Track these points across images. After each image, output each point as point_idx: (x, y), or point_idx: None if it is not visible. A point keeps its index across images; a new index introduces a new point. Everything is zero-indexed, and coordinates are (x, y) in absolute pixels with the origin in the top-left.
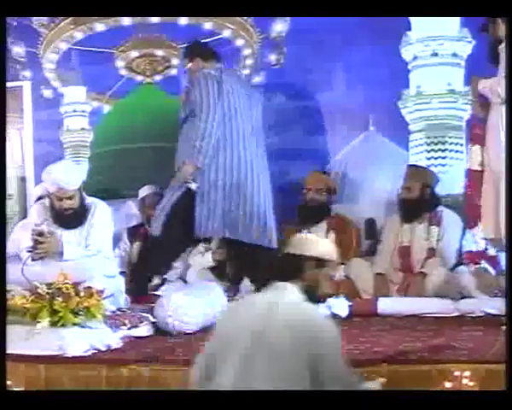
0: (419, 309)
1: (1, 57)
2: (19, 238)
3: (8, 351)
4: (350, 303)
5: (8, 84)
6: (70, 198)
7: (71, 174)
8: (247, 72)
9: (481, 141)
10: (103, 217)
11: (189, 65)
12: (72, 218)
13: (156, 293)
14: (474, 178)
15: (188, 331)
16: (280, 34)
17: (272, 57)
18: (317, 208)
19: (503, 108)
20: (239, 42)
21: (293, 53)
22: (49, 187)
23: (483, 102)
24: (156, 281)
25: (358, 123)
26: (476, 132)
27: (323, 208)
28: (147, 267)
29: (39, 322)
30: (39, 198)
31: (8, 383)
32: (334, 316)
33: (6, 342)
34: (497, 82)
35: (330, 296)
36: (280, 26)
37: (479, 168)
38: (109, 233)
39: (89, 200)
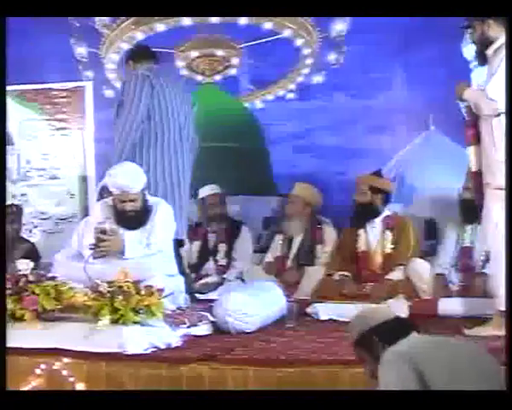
0: (480, 310)
1: (1, 57)
2: (81, 236)
3: (71, 348)
4: (409, 304)
5: (71, 85)
6: (133, 201)
7: (133, 178)
8: (306, 71)
9: (476, 141)
10: (165, 217)
11: (124, 68)
12: (134, 219)
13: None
14: (475, 179)
15: (247, 331)
16: (340, 34)
17: (332, 57)
18: (361, 209)
19: (492, 120)
20: (299, 41)
21: (353, 53)
22: (112, 189)
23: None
24: (215, 279)
25: (419, 123)
26: (471, 133)
27: (367, 208)
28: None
29: (100, 320)
30: (101, 194)
31: (71, 379)
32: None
33: (6, 342)
34: (480, 97)
35: (390, 298)
36: (340, 25)
37: (477, 169)
38: (170, 233)
39: (151, 200)
